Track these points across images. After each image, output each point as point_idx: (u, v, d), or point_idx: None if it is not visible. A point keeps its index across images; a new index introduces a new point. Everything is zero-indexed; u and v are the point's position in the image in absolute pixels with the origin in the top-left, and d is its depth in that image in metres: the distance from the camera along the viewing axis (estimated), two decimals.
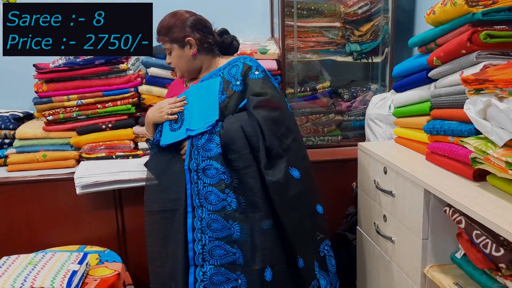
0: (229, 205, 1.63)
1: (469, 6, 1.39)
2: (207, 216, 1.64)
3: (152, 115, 1.79)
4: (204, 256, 1.63)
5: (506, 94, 1.18)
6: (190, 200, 1.65)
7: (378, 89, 2.57)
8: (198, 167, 1.65)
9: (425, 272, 1.48)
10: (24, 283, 1.65)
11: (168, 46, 1.79)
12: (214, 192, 1.64)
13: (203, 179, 1.65)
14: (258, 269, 1.59)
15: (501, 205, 1.20)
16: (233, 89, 1.72)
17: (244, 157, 1.61)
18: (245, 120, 1.64)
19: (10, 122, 2.28)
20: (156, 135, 1.78)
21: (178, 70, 1.85)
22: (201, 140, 1.66)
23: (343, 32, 2.45)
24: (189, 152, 1.66)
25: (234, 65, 1.79)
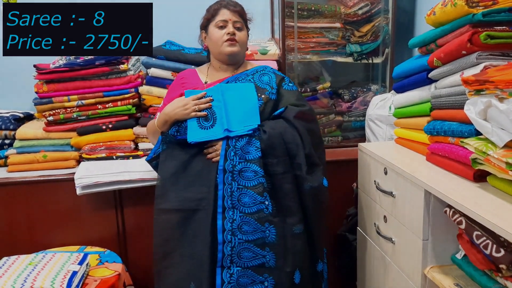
0: (266, 208, 1.63)
1: (470, 7, 1.39)
2: (238, 218, 1.63)
3: (174, 112, 1.72)
4: (233, 258, 1.63)
5: (506, 95, 1.18)
6: (221, 201, 1.63)
7: (379, 90, 2.57)
8: (234, 169, 1.64)
9: (425, 273, 1.48)
10: (24, 284, 1.65)
11: (241, 21, 1.82)
12: (249, 194, 1.63)
13: (238, 181, 1.64)
14: (289, 271, 1.65)
15: (501, 206, 1.20)
16: (269, 96, 1.77)
17: (284, 162, 1.67)
18: (284, 127, 1.70)
19: (10, 123, 2.28)
20: (171, 130, 1.73)
21: (239, 46, 1.81)
22: (240, 142, 1.66)
23: (343, 33, 2.45)
24: (225, 153, 1.65)
25: (264, 73, 1.84)
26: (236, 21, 1.80)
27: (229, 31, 1.78)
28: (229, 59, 1.83)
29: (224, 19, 1.79)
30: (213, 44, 1.82)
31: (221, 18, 1.80)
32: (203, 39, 1.91)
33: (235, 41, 1.79)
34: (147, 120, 2.28)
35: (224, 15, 1.80)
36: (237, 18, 1.81)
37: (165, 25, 2.54)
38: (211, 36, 1.82)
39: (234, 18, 1.80)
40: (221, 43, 1.79)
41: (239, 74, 1.84)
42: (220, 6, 1.82)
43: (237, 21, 1.81)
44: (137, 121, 2.32)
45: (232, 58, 1.83)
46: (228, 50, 1.79)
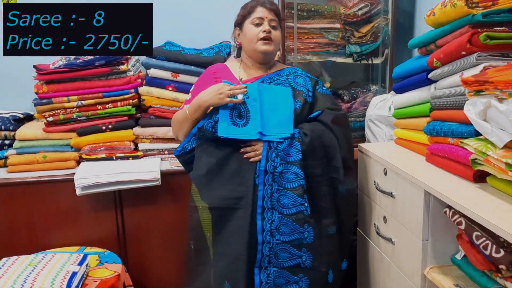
0: (306, 210, 1.65)
1: (469, 8, 1.39)
2: (277, 219, 1.64)
3: (209, 97, 1.67)
4: (270, 258, 1.65)
5: (506, 95, 1.18)
6: (261, 202, 1.64)
7: (378, 90, 2.57)
8: (275, 170, 1.65)
9: (425, 273, 1.48)
10: (24, 284, 1.64)
11: (276, 20, 1.81)
12: (289, 196, 1.65)
13: (278, 182, 1.65)
14: (324, 271, 1.70)
15: (501, 206, 1.20)
16: (306, 99, 1.78)
17: (322, 165, 1.70)
18: (322, 130, 1.72)
19: (10, 123, 2.28)
20: (207, 125, 1.68)
21: (273, 44, 1.80)
22: (282, 143, 1.67)
23: (343, 34, 2.45)
24: (266, 154, 1.65)
25: (297, 75, 1.85)
26: (272, 19, 1.79)
27: (265, 28, 1.76)
28: (262, 57, 1.81)
29: (260, 16, 1.78)
30: (248, 41, 1.80)
31: (257, 16, 1.78)
32: (236, 36, 1.89)
33: (270, 40, 1.77)
34: (147, 121, 2.30)
35: (260, 13, 1.78)
36: (273, 17, 1.80)
37: (165, 26, 2.55)
38: (246, 33, 1.80)
39: (270, 16, 1.79)
40: (256, 41, 1.77)
41: (273, 74, 1.83)
42: (257, 4, 1.81)
43: (273, 20, 1.79)
44: (137, 121, 2.32)
45: (265, 56, 1.81)
46: (263, 49, 1.77)
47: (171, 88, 2.29)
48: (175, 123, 1.81)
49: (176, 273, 2.26)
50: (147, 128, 2.28)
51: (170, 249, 2.24)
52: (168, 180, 2.15)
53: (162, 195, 2.18)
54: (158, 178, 2.07)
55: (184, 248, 2.23)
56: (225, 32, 2.57)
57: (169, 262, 2.25)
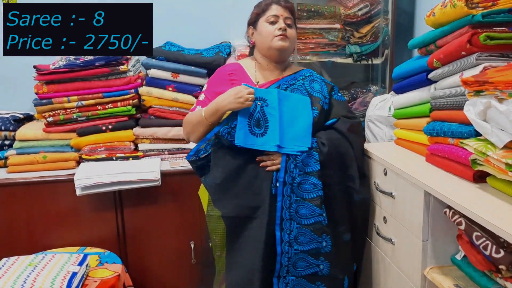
0: (324, 220, 1.65)
1: (469, 8, 1.39)
2: (295, 230, 1.64)
3: (227, 101, 1.62)
4: (289, 268, 1.66)
5: (506, 95, 1.18)
6: (280, 213, 1.63)
7: (378, 91, 2.57)
8: (294, 181, 1.64)
9: (425, 273, 1.47)
10: (24, 285, 1.64)
11: (291, 18, 1.79)
12: (307, 206, 1.64)
13: (296, 193, 1.64)
14: (341, 278, 1.72)
15: (501, 206, 1.20)
16: (323, 106, 1.77)
17: (339, 174, 1.70)
18: (339, 139, 1.72)
19: (10, 124, 2.28)
20: (223, 131, 1.64)
21: (290, 41, 1.77)
22: (301, 155, 1.65)
23: (343, 34, 2.45)
24: (285, 165, 1.64)
25: (313, 79, 1.82)
26: (287, 17, 1.76)
27: (281, 26, 1.73)
28: (278, 55, 1.78)
29: (275, 14, 1.75)
30: (263, 39, 1.77)
31: (272, 13, 1.75)
32: (250, 35, 1.86)
33: (286, 36, 1.74)
34: (147, 121, 2.30)
35: (275, 11, 1.76)
36: (288, 15, 1.77)
37: (165, 26, 2.55)
38: (261, 31, 1.77)
39: (285, 14, 1.76)
40: (272, 38, 1.74)
41: (288, 78, 1.80)
42: (272, 2, 1.78)
43: (288, 17, 1.77)
44: (137, 122, 2.32)
45: (281, 53, 1.78)
46: (279, 45, 1.74)
47: (171, 89, 2.29)
48: (188, 124, 1.76)
49: (176, 273, 2.26)
50: (147, 129, 2.28)
51: (170, 249, 2.24)
52: (168, 181, 2.15)
53: (162, 196, 2.18)
54: (158, 178, 2.07)
55: (184, 248, 2.24)
56: (225, 32, 2.59)
57: (169, 262, 2.25)
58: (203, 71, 2.28)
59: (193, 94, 2.29)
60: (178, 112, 2.31)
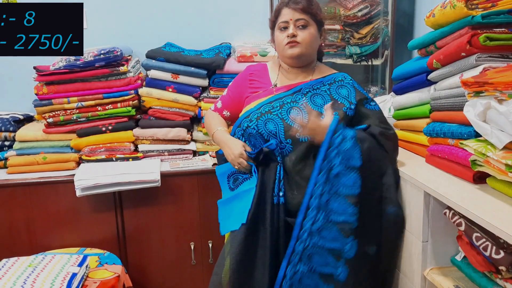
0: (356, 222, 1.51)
1: (469, 9, 1.40)
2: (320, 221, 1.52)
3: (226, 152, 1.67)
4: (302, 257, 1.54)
5: (505, 96, 1.18)
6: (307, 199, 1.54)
7: (378, 92, 2.57)
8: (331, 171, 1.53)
9: (425, 274, 1.47)
10: (23, 286, 1.64)
11: (305, 18, 1.66)
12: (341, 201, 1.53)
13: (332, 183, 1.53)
14: None
15: (501, 207, 1.20)
16: (346, 112, 1.65)
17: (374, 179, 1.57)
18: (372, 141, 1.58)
19: (10, 124, 2.28)
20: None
21: (303, 46, 1.67)
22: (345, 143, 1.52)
23: (343, 35, 2.45)
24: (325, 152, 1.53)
25: (342, 85, 1.73)
26: (298, 19, 1.65)
27: (289, 33, 1.65)
28: (292, 62, 1.72)
29: (285, 20, 1.67)
30: (277, 48, 1.74)
31: (282, 20, 1.68)
32: (272, 42, 1.80)
33: (295, 42, 1.66)
34: (147, 122, 2.30)
35: (285, 16, 1.67)
36: (300, 15, 1.65)
37: (165, 27, 2.55)
38: (275, 40, 1.73)
39: (296, 16, 1.65)
40: (283, 47, 1.69)
41: (313, 82, 1.71)
42: (282, 6, 1.69)
43: (300, 19, 1.65)
44: (137, 122, 2.32)
45: (295, 61, 1.71)
46: (289, 53, 1.67)
47: (171, 89, 2.29)
48: (206, 123, 1.89)
49: (176, 274, 2.26)
50: (147, 129, 2.28)
51: (170, 250, 2.24)
52: (168, 181, 2.15)
53: (162, 196, 2.18)
54: (158, 179, 2.07)
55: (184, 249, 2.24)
56: (225, 33, 2.59)
57: (169, 263, 2.25)
58: (203, 72, 2.28)
59: (193, 95, 2.29)
60: (178, 113, 2.31)
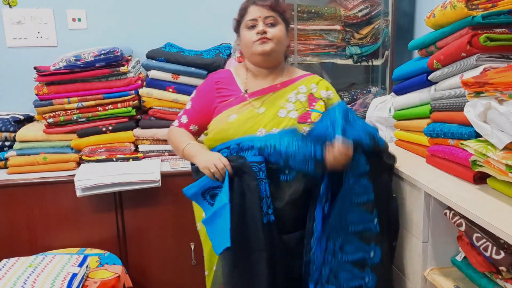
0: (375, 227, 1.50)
1: (469, 9, 1.40)
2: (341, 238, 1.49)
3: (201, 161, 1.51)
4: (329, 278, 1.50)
5: (506, 97, 1.18)
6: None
7: (378, 92, 2.57)
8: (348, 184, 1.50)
9: (425, 275, 1.47)
10: (24, 286, 1.64)
11: (274, 16, 1.61)
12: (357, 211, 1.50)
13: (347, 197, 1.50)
14: None
15: (501, 208, 1.20)
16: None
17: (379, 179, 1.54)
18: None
19: (10, 125, 2.28)
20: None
21: (274, 43, 1.60)
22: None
23: (343, 35, 2.45)
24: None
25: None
26: (267, 16, 1.60)
27: (259, 30, 1.58)
28: (263, 60, 1.64)
29: (252, 17, 1.61)
30: (245, 47, 1.65)
31: (250, 17, 1.61)
32: (239, 43, 1.73)
33: (266, 39, 1.59)
34: (147, 122, 2.30)
35: (252, 13, 1.61)
36: (269, 13, 1.60)
37: (165, 27, 2.55)
38: (242, 39, 1.66)
39: (264, 13, 1.60)
40: (252, 44, 1.61)
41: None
42: (249, 3, 1.64)
43: (268, 16, 1.60)
44: (137, 123, 2.32)
45: (266, 58, 1.63)
46: (260, 50, 1.60)
47: (171, 90, 2.29)
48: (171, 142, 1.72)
49: (176, 274, 2.26)
50: (147, 130, 2.28)
51: (170, 250, 2.24)
52: (168, 182, 2.15)
53: (162, 197, 2.18)
54: (158, 179, 2.07)
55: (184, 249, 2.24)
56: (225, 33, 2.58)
57: (169, 264, 2.25)
58: (204, 72, 2.28)
59: None
60: (178, 113, 2.31)
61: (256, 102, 1.63)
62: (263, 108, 1.61)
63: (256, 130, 1.56)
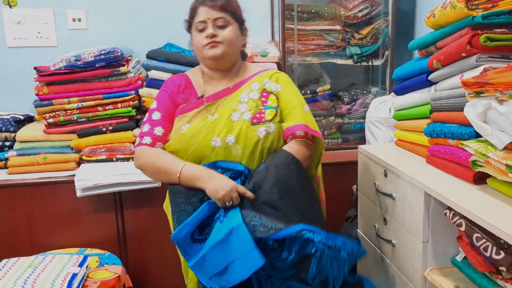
0: None
1: (469, 9, 1.39)
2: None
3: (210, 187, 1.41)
4: None
5: (506, 97, 1.18)
6: None
7: (378, 92, 2.58)
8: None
9: (425, 275, 1.47)
10: (24, 286, 1.64)
11: (224, 16, 1.53)
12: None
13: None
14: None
15: (501, 208, 1.20)
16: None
17: None
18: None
19: (10, 125, 2.29)
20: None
21: (225, 46, 1.54)
22: None
23: (343, 35, 2.45)
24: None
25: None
26: (217, 18, 1.53)
27: (208, 33, 1.52)
28: (214, 64, 1.58)
29: (202, 19, 1.53)
30: (197, 50, 1.59)
31: (199, 20, 1.54)
32: (191, 44, 1.66)
33: (216, 42, 1.52)
34: None
35: (201, 15, 1.54)
36: (219, 14, 1.53)
37: (166, 27, 2.55)
38: (193, 42, 1.60)
39: (214, 15, 1.52)
40: (202, 48, 1.55)
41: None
42: (198, 4, 1.56)
43: (218, 18, 1.53)
44: (137, 123, 2.32)
45: (217, 62, 1.57)
46: (210, 54, 1.54)
47: None
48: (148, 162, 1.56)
49: (176, 274, 2.26)
50: None
51: (170, 250, 2.23)
52: None
53: (162, 197, 2.16)
54: None
55: None
56: None
57: (169, 264, 2.25)
58: None
59: None
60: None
61: (211, 107, 1.56)
62: (216, 115, 1.53)
63: (210, 139, 1.49)
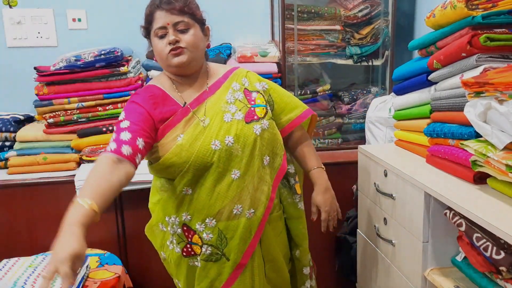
0: None
1: (469, 9, 1.40)
2: None
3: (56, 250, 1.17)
4: None
5: (506, 97, 1.18)
6: None
7: (379, 92, 2.58)
8: None
9: (425, 275, 1.47)
10: (24, 286, 1.64)
11: (185, 20, 1.43)
12: None
13: None
14: None
15: (501, 208, 1.20)
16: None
17: None
18: None
19: (10, 125, 2.28)
20: None
21: (189, 51, 1.43)
22: None
23: (343, 35, 2.45)
24: None
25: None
26: (177, 22, 1.42)
27: (169, 40, 1.41)
28: (181, 71, 1.48)
29: (161, 25, 1.42)
30: (159, 58, 1.47)
31: (158, 25, 1.42)
32: (152, 50, 1.52)
33: (180, 49, 1.42)
34: None
35: (160, 20, 1.42)
36: (178, 18, 1.42)
37: None
38: (155, 49, 1.47)
39: (174, 19, 1.41)
40: (166, 56, 1.43)
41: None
42: (153, 8, 1.43)
43: (178, 22, 1.42)
44: None
45: (184, 70, 1.47)
46: (176, 62, 1.43)
47: None
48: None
49: None
50: None
51: None
52: None
53: None
54: None
55: None
56: (225, 33, 2.59)
57: None
58: None
59: None
60: None
61: (198, 113, 1.48)
62: (207, 119, 1.46)
63: (209, 144, 1.43)
